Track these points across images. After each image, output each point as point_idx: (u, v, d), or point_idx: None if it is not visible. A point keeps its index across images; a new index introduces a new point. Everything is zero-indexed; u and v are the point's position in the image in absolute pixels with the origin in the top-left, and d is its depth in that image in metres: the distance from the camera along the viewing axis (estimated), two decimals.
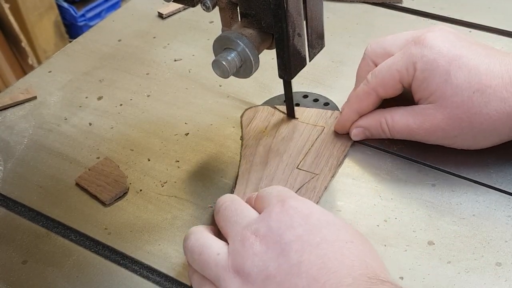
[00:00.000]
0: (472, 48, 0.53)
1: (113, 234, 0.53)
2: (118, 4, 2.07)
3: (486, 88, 0.51)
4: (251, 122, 0.62)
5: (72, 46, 0.78)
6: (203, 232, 0.45)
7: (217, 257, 0.42)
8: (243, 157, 0.58)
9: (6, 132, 0.65)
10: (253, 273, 0.40)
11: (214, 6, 0.53)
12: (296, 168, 0.56)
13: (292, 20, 0.50)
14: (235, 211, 0.45)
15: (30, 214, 0.56)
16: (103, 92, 0.70)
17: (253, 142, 0.60)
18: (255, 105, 0.65)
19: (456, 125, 0.52)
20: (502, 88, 0.50)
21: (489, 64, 0.52)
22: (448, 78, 0.52)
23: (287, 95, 0.60)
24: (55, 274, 0.50)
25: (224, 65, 0.52)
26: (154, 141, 0.62)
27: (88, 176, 0.58)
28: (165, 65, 0.73)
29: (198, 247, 0.44)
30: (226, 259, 0.42)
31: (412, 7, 0.78)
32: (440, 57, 0.52)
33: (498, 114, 0.51)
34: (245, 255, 0.41)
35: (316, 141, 0.59)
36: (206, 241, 0.44)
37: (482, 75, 0.51)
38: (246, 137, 0.60)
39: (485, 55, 0.52)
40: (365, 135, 0.58)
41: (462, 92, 0.51)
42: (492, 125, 0.51)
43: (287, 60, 0.53)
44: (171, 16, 0.82)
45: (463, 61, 0.52)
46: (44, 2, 1.84)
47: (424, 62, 0.52)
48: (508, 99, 0.50)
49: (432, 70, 0.52)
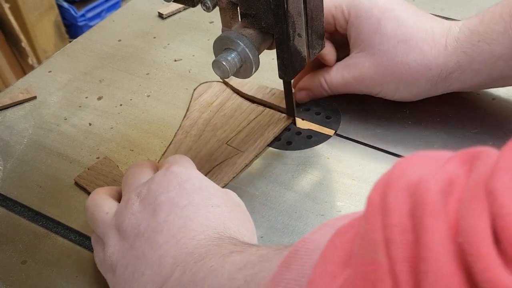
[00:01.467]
0: (407, 5, 0.57)
1: None
2: (118, 4, 2.07)
3: (410, 39, 0.55)
4: (201, 96, 0.65)
5: (72, 46, 0.78)
6: (99, 193, 0.49)
7: (105, 216, 0.46)
8: (181, 128, 0.61)
9: (6, 132, 0.65)
10: (128, 230, 0.43)
11: (214, 6, 0.52)
12: (225, 144, 0.59)
13: (293, 20, 0.50)
14: (132, 174, 0.48)
15: (29, 214, 0.56)
16: (103, 92, 0.70)
17: (196, 114, 0.63)
18: (210, 81, 0.67)
19: (381, 73, 0.56)
20: (424, 42, 0.54)
21: (418, 20, 0.56)
22: (378, 27, 0.56)
23: (287, 95, 0.60)
24: (55, 274, 0.50)
25: (224, 65, 0.51)
26: (154, 141, 0.62)
27: (87, 176, 0.58)
28: (165, 65, 0.73)
29: (91, 207, 0.47)
30: (112, 218, 0.45)
31: None
32: (375, 7, 0.56)
33: (418, 65, 0.55)
34: (125, 214, 0.44)
35: (253, 120, 0.61)
36: (98, 201, 0.47)
37: (409, 27, 0.55)
38: (191, 109, 0.64)
39: (417, 13, 0.57)
40: (309, 96, 0.62)
41: (388, 41, 0.55)
42: (412, 75, 0.55)
43: (287, 61, 0.53)
44: (171, 16, 0.82)
45: (394, 13, 0.56)
46: (44, 2, 1.84)
47: (360, 9, 0.56)
48: (428, 52, 0.54)
49: (366, 18, 0.56)
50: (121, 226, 0.44)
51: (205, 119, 0.62)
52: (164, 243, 0.41)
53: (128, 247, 0.43)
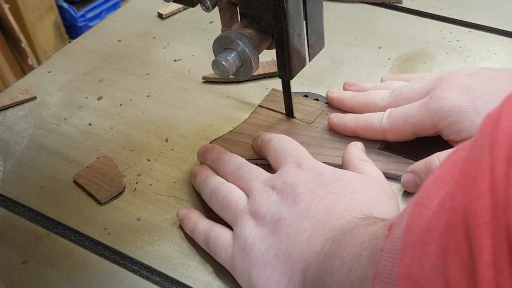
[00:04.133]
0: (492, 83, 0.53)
1: (113, 234, 0.53)
2: (118, 4, 2.07)
3: None
4: (270, 103, 0.65)
5: (72, 47, 0.78)
6: (225, 182, 0.52)
7: (239, 201, 0.49)
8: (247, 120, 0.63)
9: (6, 132, 0.65)
10: (267, 216, 0.46)
11: (214, 6, 0.53)
12: None
13: (292, 20, 0.50)
14: (249, 171, 0.51)
15: (29, 214, 0.56)
16: (103, 92, 0.70)
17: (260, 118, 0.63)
18: None
19: None
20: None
21: None
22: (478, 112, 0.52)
23: (286, 95, 0.60)
24: (55, 274, 0.50)
25: (223, 65, 0.52)
26: (154, 141, 0.62)
27: (85, 174, 0.58)
28: (165, 65, 0.73)
29: (223, 191, 0.51)
30: (246, 204, 0.49)
31: (412, 7, 0.78)
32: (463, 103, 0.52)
33: None
34: (262, 202, 0.48)
35: None
36: (231, 187, 0.51)
37: None
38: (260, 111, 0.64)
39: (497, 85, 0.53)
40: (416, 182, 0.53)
41: None
42: None
43: (287, 60, 0.53)
44: (171, 16, 0.82)
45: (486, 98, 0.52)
46: (44, 3, 1.84)
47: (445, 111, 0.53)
48: None
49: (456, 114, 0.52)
50: (258, 213, 0.47)
51: None
52: (310, 226, 0.44)
53: (268, 232, 0.46)
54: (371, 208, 0.45)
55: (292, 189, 0.47)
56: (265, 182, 0.49)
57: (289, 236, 0.44)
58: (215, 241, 0.49)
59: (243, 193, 0.50)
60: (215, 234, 0.49)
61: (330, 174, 0.48)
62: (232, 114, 0.64)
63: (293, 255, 0.44)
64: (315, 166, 0.49)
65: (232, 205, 0.49)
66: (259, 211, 0.47)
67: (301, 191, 0.47)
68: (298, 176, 0.48)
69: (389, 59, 0.69)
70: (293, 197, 0.47)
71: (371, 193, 0.47)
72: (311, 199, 0.46)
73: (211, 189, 0.52)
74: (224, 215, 0.50)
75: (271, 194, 0.48)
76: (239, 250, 0.46)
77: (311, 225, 0.44)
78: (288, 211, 0.46)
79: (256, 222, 0.47)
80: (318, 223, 0.44)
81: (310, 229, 0.44)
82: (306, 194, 0.46)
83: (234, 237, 0.48)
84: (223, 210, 0.50)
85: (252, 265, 0.45)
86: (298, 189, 0.47)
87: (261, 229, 0.46)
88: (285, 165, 0.50)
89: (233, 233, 0.48)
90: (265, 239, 0.45)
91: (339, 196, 0.46)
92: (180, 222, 0.53)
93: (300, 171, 0.48)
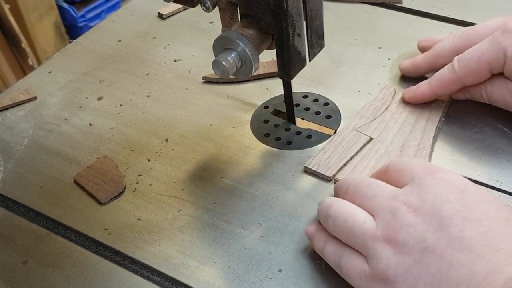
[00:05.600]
0: None
1: (113, 234, 0.53)
2: (118, 4, 2.07)
3: None
4: None
5: (72, 47, 0.78)
6: (345, 202, 0.45)
7: (364, 225, 0.42)
8: None
9: (6, 133, 0.65)
10: (408, 243, 0.40)
11: (214, 6, 0.53)
12: None
13: (292, 20, 0.50)
14: (370, 186, 0.45)
15: (30, 214, 0.56)
16: (103, 93, 0.70)
17: None
18: None
19: None
20: None
21: None
22: None
23: (287, 95, 0.60)
24: (55, 275, 0.50)
25: (224, 65, 0.52)
26: (154, 141, 0.62)
27: (86, 174, 0.58)
28: (165, 65, 0.73)
29: (342, 214, 0.44)
30: (374, 228, 0.42)
31: (412, 7, 0.78)
32: None
33: None
34: (397, 225, 0.41)
35: None
36: (350, 209, 0.44)
37: None
38: None
39: None
40: (464, 96, 0.60)
41: None
42: None
43: (287, 61, 0.53)
44: (171, 16, 0.82)
45: None
46: (44, 3, 1.84)
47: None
48: None
49: None
50: (396, 239, 0.40)
51: None
52: (469, 261, 0.38)
53: (412, 262, 0.39)
54: None
55: (435, 209, 0.40)
56: (394, 198, 0.42)
57: (442, 271, 0.38)
58: (346, 267, 0.44)
59: (366, 214, 0.43)
60: (345, 260, 0.44)
61: (476, 191, 0.41)
62: (232, 114, 0.64)
63: None
64: (455, 178, 0.42)
65: (357, 231, 0.43)
66: (395, 236, 0.40)
67: (448, 213, 0.40)
68: (438, 191, 0.41)
69: (389, 59, 0.69)
70: (438, 219, 0.40)
71: None
72: (463, 225, 0.39)
73: (330, 214, 0.45)
74: (350, 242, 0.44)
75: (406, 214, 0.41)
76: (380, 281, 0.41)
77: (469, 259, 0.38)
78: (435, 237, 0.39)
79: (394, 250, 0.40)
80: (477, 258, 0.38)
81: (468, 265, 0.38)
82: (454, 216, 0.39)
83: (370, 267, 0.42)
84: (347, 236, 0.44)
85: None
86: (443, 209, 0.40)
87: (403, 258, 0.40)
88: (416, 178, 0.43)
89: (367, 261, 0.42)
90: (410, 271, 0.39)
91: (494, 223, 0.39)
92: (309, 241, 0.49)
93: (440, 184, 0.41)
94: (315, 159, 0.56)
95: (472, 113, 0.60)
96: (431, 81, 0.59)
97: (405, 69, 0.65)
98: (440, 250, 0.39)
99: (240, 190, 0.55)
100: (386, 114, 0.60)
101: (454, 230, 0.39)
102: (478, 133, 0.58)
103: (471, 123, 0.59)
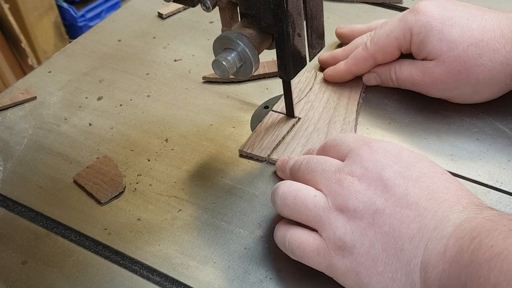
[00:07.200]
0: (465, 9, 0.57)
1: (113, 235, 0.53)
2: (118, 4, 2.07)
3: (479, 41, 0.55)
4: None
5: (72, 47, 0.78)
6: (292, 182, 0.47)
7: (315, 199, 0.44)
8: None
9: (6, 133, 0.65)
10: (359, 209, 0.42)
11: (214, 6, 0.53)
12: None
13: (292, 20, 0.50)
14: (318, 162, 0.47)
15: (30, 214, 0.56)
16: (103, 92, 0.70)
17: None
18: None
19: (455, 77, 0.57)
20: (494, 41, 0.55)
21: (481, 21, 0.56)
22: (442, 36, 0.56)
23: (287, 95, 0.60)
24: (55, 275, 0.50)
25: (224, 65, 0.52)
26: (154, 141, 0.62)
27: (86, 174, 0.58)
28: (165, 65, 0.73)
29: (291, 192, 0.46)
30: (325, 200, 0.44)
31: None
32: (433, 20, 0.57)
33: (493, 64, 0.55)
34: (346, 193, 0.43)
35: None
36: (298, 186, 0.46)
37: (474, 30, 0.56)
38: None
39: (477, 13, 0.57)
40: (376, 81, 0.64)
41: (456, 46, 0.56)
42: (488, 75, 0.56)
43: (287, 60, 0.53)
44: (171, 16, 0.82)
45: (455, 20, 0.56)
46: (44, 3, 1.84)
47: (419, 26, 0.57)
48: (500, 50, 0.55)
49: (427, 32, 0.57)
50: (346, 206, 0.43)
51: None
52: (417, 215, 0.40)
53: (366, 226, 0.42)
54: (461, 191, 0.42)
55: (378, 174, 0.43)
56: (339, 170, 0.45)
57: (395, 228, 0.41)
58: (299, 246, 0.45)
59: (314, 189, 0.45)
60: (295, 239, 0.45)
61: (410, 153, 0.44)
62: (232, 114, 0.64)
63: (406, 250, 0.40)
64: (387, 145, 0.45)
65: (309, 205, 0.44)
66: (346, 204, 0.43)
67: (390, 175, 0.42)
68: (377, 158, 0.44)
69: None
70: (382, 182, 0.42)
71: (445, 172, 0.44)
72: (405, 184, 0.42)
73: (278, 194, 0.47)
74: (302, 217, 0.45)
75: (352, 181, 0.43)
76: (338, 250, 0.43)
77: (418, 214, 0.40)
78: (382, 199, 0.42)
79: (347, 217, 0.42)
80: (425, 211, 0.40)
81: (417, 219, 0.40)
82: (396, 178, 0.42)
83: (325, 238, 0.43)
84: (298, 213, 0.45)
85: (358, 262, 0.42)
86: (384, 172, 0.43)
87: (356, 223, 0.42)
88: (353, 150, 0.46)
89: (321, 235, 0.44)
90: (365, 234, 0.42)
91: (432, 178, 0.42)
92: None
93: (376, 152, 0.44)
94: (248, 142, 0.59)
95: (472, 113, 0.60)
96: (347, 60, 0.64)
97: (323, 60, 0.67)
98: (389, 210, 0.41)
99: (240, 190, 0.55)
100: (311, 94, 0.64)
101: (398, 190, 0.42)
102: (478, 133, 0.58)
103: (471, 123, 0.59)
